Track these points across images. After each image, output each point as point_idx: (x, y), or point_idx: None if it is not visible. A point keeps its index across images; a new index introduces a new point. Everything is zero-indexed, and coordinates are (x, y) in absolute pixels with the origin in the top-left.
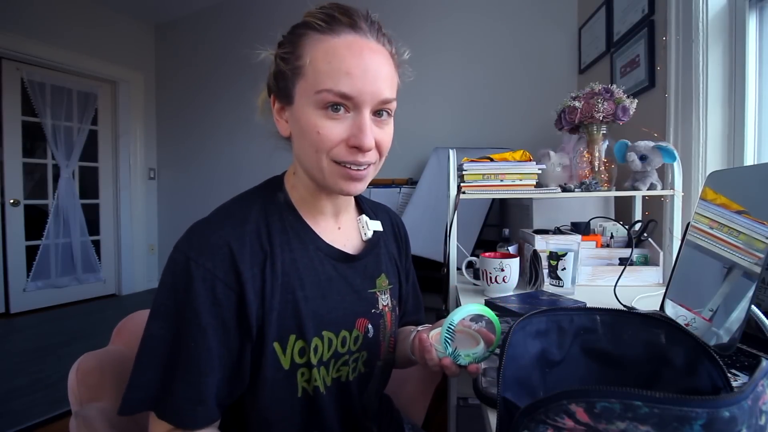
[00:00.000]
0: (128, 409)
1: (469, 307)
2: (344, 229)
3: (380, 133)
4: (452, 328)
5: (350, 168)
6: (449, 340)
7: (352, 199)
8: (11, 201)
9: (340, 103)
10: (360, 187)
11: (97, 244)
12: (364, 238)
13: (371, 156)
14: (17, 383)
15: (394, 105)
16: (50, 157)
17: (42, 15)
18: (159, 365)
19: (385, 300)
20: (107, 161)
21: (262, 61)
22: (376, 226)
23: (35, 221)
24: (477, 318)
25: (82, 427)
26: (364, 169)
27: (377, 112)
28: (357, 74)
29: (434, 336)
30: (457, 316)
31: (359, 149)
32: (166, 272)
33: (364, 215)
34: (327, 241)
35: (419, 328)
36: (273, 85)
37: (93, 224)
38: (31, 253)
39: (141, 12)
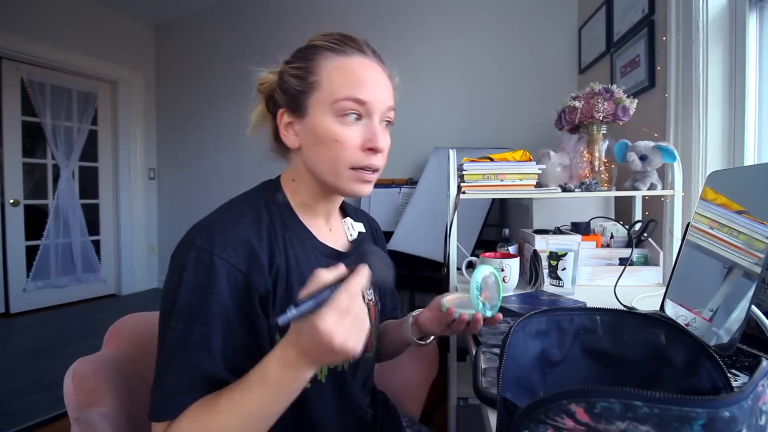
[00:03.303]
0: (162, 415)
1: (484, 268)
2: (334, 231)
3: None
4: (479, 285)
5: (364, 172)
6: (479, 297)
7: (338, 204)
8: (11, 201)
9: (356, 110)
10: (369, 189)
11: (97, 244)
12: (350, 239)
13: (381, 158)
14: (17, 383)
15: (394, 114)
16: (50, 157)
17: (42, 15)
18: (194, 367)
19: (369, 295)
20: (107, 161)
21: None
22: (360, 227)
23: (35, 221)
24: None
25: None
26: (374, 171)
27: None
28: (369, 84)
29: (450, 299)
30: (479, 275)
31: (374, 151)
32: (188, 271)
33: (348, 218)
34: (321, 240)
35: (413, 313)
36: (282, 99)
37: (93, 224)
38: (31, 253)
39: (141, 12)
